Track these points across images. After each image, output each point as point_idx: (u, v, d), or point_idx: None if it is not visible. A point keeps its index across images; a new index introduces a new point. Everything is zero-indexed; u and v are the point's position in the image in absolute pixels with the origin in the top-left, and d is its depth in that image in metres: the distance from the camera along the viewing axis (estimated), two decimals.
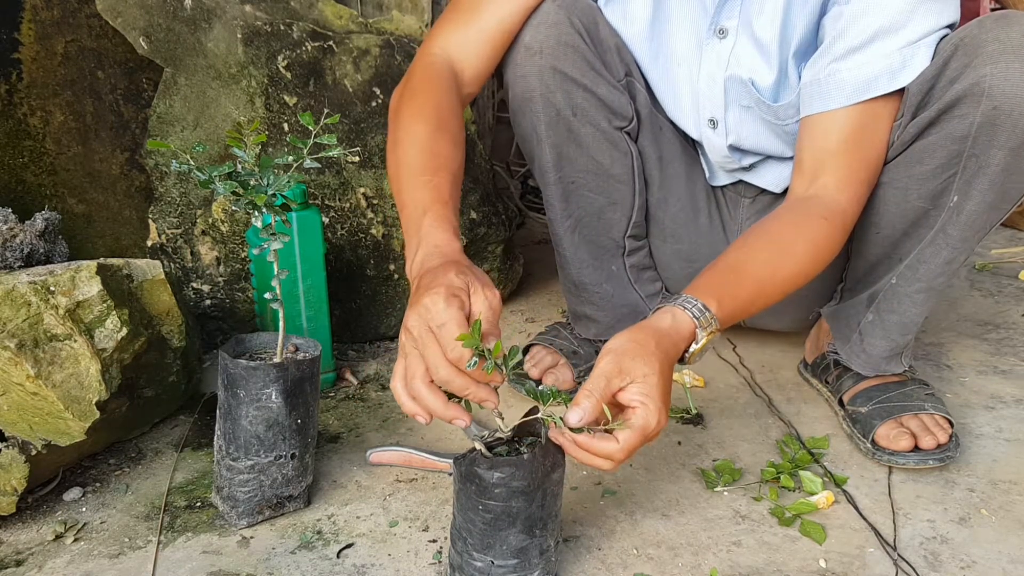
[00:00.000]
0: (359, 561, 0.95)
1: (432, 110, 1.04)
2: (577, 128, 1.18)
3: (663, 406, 0.83)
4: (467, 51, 1.12)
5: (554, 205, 1.26)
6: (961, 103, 0.97)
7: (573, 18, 1.13)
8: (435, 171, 0.98)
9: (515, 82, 1.17)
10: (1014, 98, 0.94)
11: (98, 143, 1.51)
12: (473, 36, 1.13)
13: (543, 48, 1.13)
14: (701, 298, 0.91)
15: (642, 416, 0.82)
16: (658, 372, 0.84)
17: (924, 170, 1.04)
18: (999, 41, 0.94)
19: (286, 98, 1.43)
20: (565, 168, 1.22)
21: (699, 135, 1.22)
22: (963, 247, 1.06)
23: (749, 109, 1.14)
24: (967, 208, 1.02)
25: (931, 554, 0.96)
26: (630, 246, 1.31)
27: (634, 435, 0.82)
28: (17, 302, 0.97)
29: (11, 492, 0.98)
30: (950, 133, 1.00)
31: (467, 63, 1.13)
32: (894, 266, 1.12)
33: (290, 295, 1.26)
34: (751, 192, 1.28)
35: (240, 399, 0.95)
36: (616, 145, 1.22)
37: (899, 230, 1.10)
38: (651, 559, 0.95)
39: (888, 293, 1.14)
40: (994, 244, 2.03)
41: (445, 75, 1.09)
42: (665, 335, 0.88)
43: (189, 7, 1.40)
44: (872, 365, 1.20)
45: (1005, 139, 0.96)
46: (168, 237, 1.42)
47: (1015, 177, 0.99)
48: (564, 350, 1.34)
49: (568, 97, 1.16)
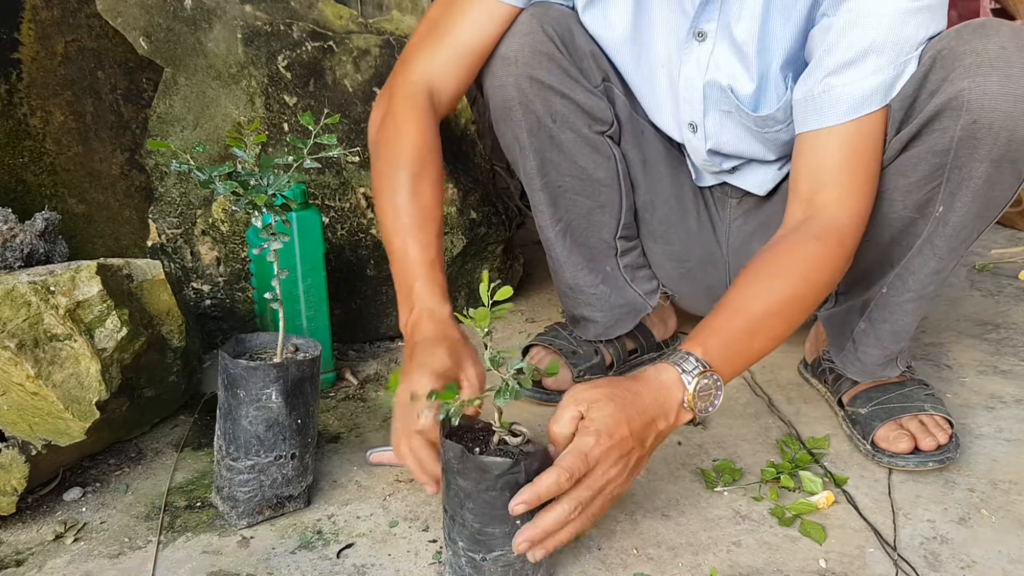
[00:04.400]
0: (359, 561, 0.95)
1: (414, 151, 1.07)
2: (558, 134, 1.19)
3: (609, 431, 0.84)
4: (443, 73, 1.13)
5: (543, 211, 1.26)
6: (941, 117, 0.96)
7: (546, 27, 1.14)
8: (422, 225, 1.03)
9: (494, 92, 1.18)
10: (992, 112, 0.93)
11: (98, 143, 1.51)
12: (449, 58, 1.13)
13: (518, 58, 1.14)
14: (685, 347, 0.92)
15: (579, 438, 0.84)
16: (615, 402, 0.85)
17: (908, 182, 1.04)
18: (976, 53, 0.93)
19: (286, 98, 1.43)
20: (550, 173, 1.23)
21: (680, 138, 1.22)
22: (950, 257, 1.06)
23: (729, 114, 1.14)
24: (952, 220, 1.02)
25: (931, 554, 0.96)
26: (622, 247, 1.31)
27: (568, 454, 0.83)
28: (17, 302, 0.97)
29: (11, 492, 0.98)
30: (931, 147, 0.99)
31: (443, 86, 1.14)
32: (886, 271, 1.12)
33: (290, 295, 1.26)
34: (737, 193, 1.29)
35: (240, 399, 0.95)
36: (598, 149, 1.22)
37: (887, 238, 1.10)
38: (651, 559, 0.95)
39: (880, 302, 1.14)
40: (994, 244, 2.03)
41: (424, 105, 1.11)
42: (642, 380, 0.91)
43: (189, 7, 1.40)
44: (867, 372, 1.20)
45: (986, 152, 0.95)
46: (168, 237, 1.42)
47: (998, 187, 0.99)
48: (564, 350, 1.34)
49: (547, 104, 1.17)
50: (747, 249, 1.28)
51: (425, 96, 1.11)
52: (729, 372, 0.93)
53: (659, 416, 0.89)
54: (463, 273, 1.59)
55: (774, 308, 0.95)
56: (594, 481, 0.84)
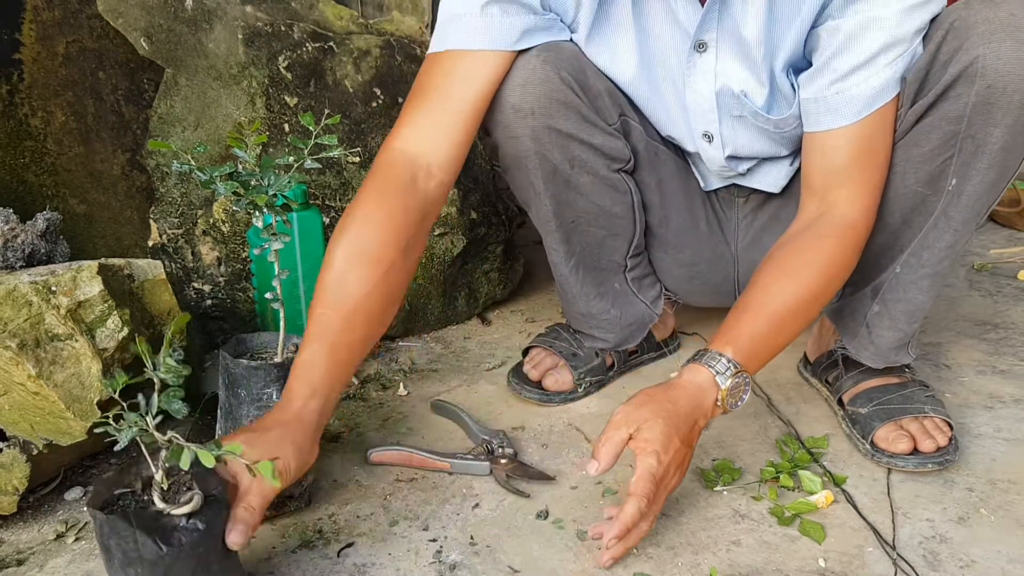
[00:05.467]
0: (359, 560, 0.95)
1: (355, 235, 0.97)
2: (575, 179, 1.16)
3: (665, 448, 0.92)
4: (436, 139, 1.03)
5: (557, 249, 1.25)
6: (956, 85, 0.98)
7: (562, 72, 1.08)
8: (323, 316, 0.94)
9: (505, 143, 1.13)
10: (1007, 76, 0.94)
11: (99, 143, 1.51)
12: (441, 121, 1.04)
13: (535, 109, 1.08)
14: (714, 347, 0.99)
15: (643, 461, 0.91)
16: (663, 418, 0.93)
17: (921, 152, 1.04)
18: (988, 21, 0.95)
19: (287, 99, 1.43)
20: (566, 214, 1.20)
21: (695, 148, 1.21)
22: (964, 229, 1.07)
23: (742, 118, 1.13)
24: (967, 190, 1.02)
25: (930, 553, 0.97)
26: (631, 264, 1.31)
27: (640, 480, 0.91)
28: (18, 302, 0.98)
29: (12, 491, 0.98)
30: (945, 114, 1.00)
31: (437, 151, 1.03)
32: (896, 256, 1.12)
33: (291, 295, 1.26)
34: (744, 192, 1.29)
35: (241, 399, 0.96)
36: (616, 187, 1.20)
37: (898, 218, 1.10)
38: (651, 558, 0.95)
39: (893, 282, 1.14)
40: (993, 244, 2.03)
41: (398, 177, 1.01)
42: (678, 387, 0.98)
43: (190, 8, 1.40)
44: (881, 356, 1.20)
45: (1001, 117, 0.96)
46: (169, 237, 1.43)
47: (1013, 154, 1.00)
48: (564, 352, 1.34)
49: (564, 152, 1.13)
50: (758, 245, 1.29)
51: (404, 169, 1.01)
52: (755, 368, 1.01)
53: (699, 416, 0.97)
54: (463, 273, 1.59)
55: (794, 305, 1.02)
56: (662, 495, 0.94)
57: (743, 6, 1.04)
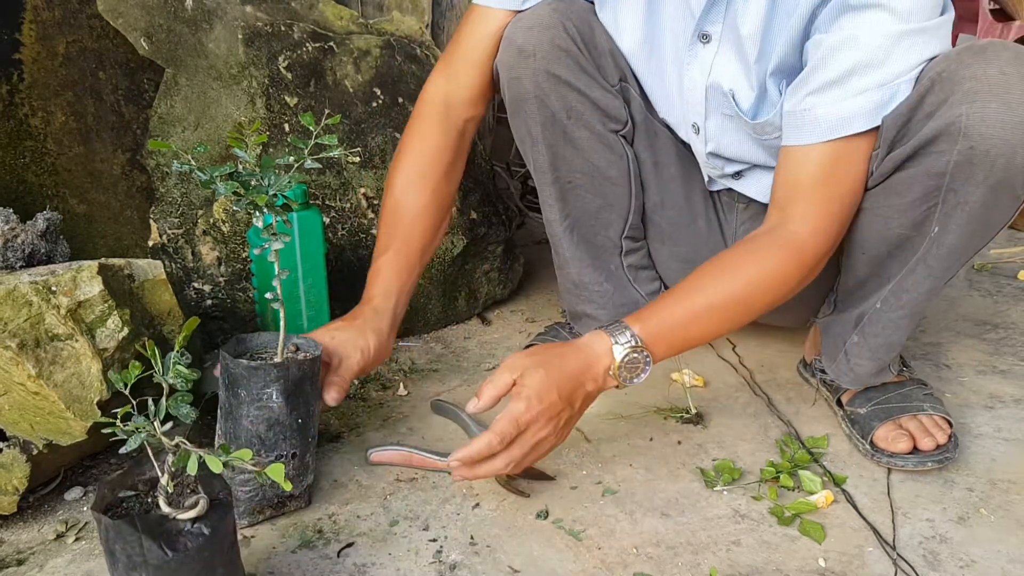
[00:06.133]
0: (360, 560, 0.95)
1: (412, 158, 1.20)
2: (572, 131, 1.19)
3: (539, 396, 0.93)
4: (457, 80, 1.21)
5: (552, 205, 1.27)
6: (938, 140, 0.95)
7: (568, 23, 1.15)
8: (395, 224, 1.18)
9: (509, 84, 1.19)
10: (991, 139, 0.91)
11: (99, 143, 1.51)
12: (461, 66, 1.21)
13: (536, 51, 1.14)
14: (626, 320, 1.00)
15: (512, 403, 0.93)
16: (546, 369, 0.95)
17: (904, 201, 1.03)
18: (976, 79, 0.92)
19: (287, 98, 1.43)
20: (561, 168, 1.23)
21: (686, 137, 1.22)
22: (945, 275, 1.06)
23: (731, 118, 1.14)
24: (947, 240, 1.01)
25: (930, 553, 0.97)
26: (627, 247, 1.31)
27: (502, 419, 0.93)
28: (18, 302, 0.98)
29: (12, 491, 0.98)
30: (928, 169, 0.98)
31: (458, 90, 1.21)
32: (882, 285, 1.11)
33: (291, 295, 1.26)
34: (744, 199, 1.29)
35: (241, 399, 0.95)
36: (611, 148, 1.22)
37: (884, 252, 1.09)
38: (651, 558, 0.95)
39: (873, 317, 1.13)
40: (993, 244, 2.03)
41: (433, 115, 1.21)
42: (574, 347, 1.00)
43: (190, 8, 1.40)
44: (860, 381, 1.20)
45: (983, 177, 0.94)
46: (169, 237, 1.43)
47: (994, 212, 0.98)
48: None
49: (562, 100, 1.17)
50: None
51: (437, 107, 1.21)
52: (661, 352, 1.01)
53: (587, 379, 0.98)
54: (463, 273, 1.59)
55: (717, 303, 1.02)
56: (526, 441, 0.94)
57: (745, 3, 1.04)
